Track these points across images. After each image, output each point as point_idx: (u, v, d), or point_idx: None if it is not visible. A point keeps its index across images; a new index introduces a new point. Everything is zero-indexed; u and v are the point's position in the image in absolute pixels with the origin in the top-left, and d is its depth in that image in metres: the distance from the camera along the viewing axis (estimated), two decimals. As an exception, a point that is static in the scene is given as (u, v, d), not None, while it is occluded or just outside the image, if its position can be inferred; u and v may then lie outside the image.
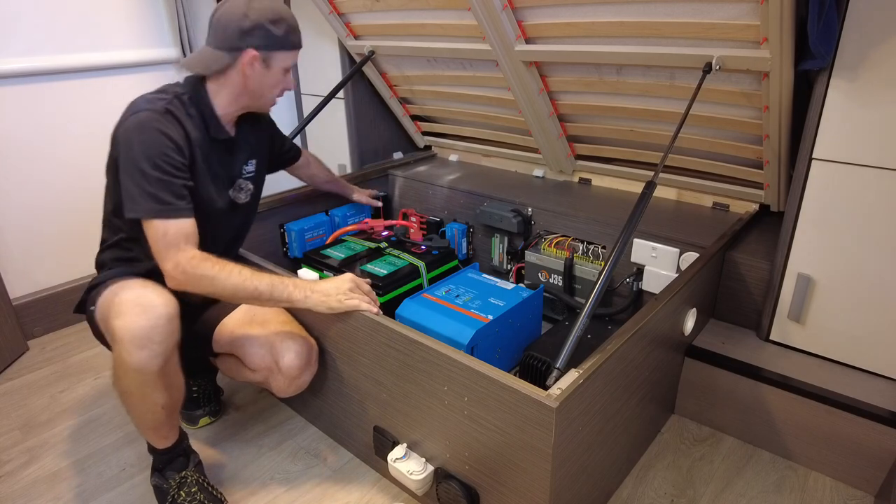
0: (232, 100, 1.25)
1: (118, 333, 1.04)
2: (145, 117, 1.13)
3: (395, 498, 1.29)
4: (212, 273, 1.12)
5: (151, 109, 1.14)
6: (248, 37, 1.17)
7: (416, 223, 2.11)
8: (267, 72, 1.22)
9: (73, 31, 1.90)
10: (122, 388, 1.11)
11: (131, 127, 1.13)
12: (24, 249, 1.91)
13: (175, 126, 1.16)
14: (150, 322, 1.04)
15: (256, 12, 1.16)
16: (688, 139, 1.66)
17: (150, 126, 1.12)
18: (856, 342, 1.35)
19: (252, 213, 1.45)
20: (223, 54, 1.19)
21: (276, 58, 1.22)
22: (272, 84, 1.25)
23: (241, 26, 1.16)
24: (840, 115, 1.23)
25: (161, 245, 1.12)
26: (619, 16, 1.42)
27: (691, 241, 1.52)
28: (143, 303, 1.06)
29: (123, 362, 1.05)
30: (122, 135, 1.14)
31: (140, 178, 1.11)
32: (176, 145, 1.14)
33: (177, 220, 1.12)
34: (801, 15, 1.18)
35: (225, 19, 1.17)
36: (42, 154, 1.90)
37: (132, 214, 1.12)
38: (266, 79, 1.23)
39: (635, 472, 1.35)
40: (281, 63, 1.23)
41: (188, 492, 1.20)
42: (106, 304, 1.13)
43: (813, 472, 1.33)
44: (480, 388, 1.00)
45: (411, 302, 1.42)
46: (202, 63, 1.21)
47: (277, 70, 1.23)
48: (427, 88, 2.13)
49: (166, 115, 1.15)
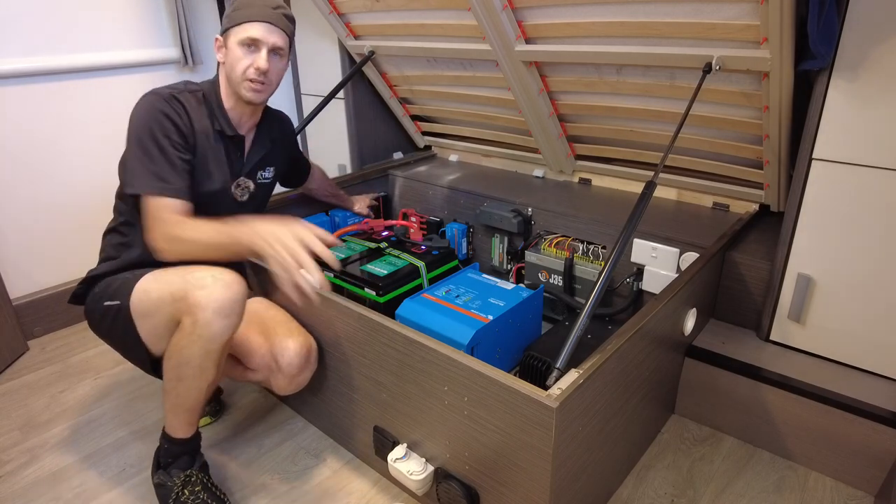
0: (229, 92, 1.31)
1: (202, 302, 1.07)
2: (149, 99, 1.21)
3: (395, 498, 1.29)
4: (179, 230, 1.16)
5: (156, 93, 1.22)
6: (223, 25, 1.29)
7: (416, 223, 2.11)
8: (227, 52, 1.28)
9: (73, 31, 1.90)
10: (183, 358, 1.12)
11: (135, 109, 1.21)
12: (24, 249, 1.91)
13: (178, 110, 1.22)
14: (233, 295, 1.10)
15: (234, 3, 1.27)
16: (688, 139, 1.66)
17: (152, 106, 1.20)
18: (856, 342, 1.35)
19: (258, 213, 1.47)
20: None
21: (231, 35, 1.27)
22: (232, 62, 1.27)
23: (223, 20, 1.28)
24: (840, 115, 1.23)
25: (150, 219, 1.18)
26: (619, 16, 1.43)
27: (691, 241, 1.52)
28: (224, 278, 1.11)
29: (197, 330, 1.09)
30: (130, 117, 1.21)
31: (141, 154, 1.17)
32: (175, 126, 1.21)
33: (172, 199, 1.18)
34: (801, 15, 1.18)
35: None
36: (42, 154, 1.90)
37: (130, 190, 1.18)
38: (228, 59, 1.28)
39: (635, 472, 1.35)
40: (234, 38, 1.26)
41: (192, 490, 1.20)
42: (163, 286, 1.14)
43: (813, 472, 1.33)
44: (480, 388, 1.00)
45: (411, 302, 1.42)
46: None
47: (233, 46, 1.26)
48: (427, 88, 2.13)
49: (171, 99, 1.22)
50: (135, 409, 1.59)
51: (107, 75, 2.00)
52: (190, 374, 1.14)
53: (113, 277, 1.25)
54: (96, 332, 1.29)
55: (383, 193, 2.23)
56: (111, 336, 1.26)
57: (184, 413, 1.20)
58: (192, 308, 1.08)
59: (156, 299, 1.15)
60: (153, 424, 1.53)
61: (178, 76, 2.21)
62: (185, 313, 1.10)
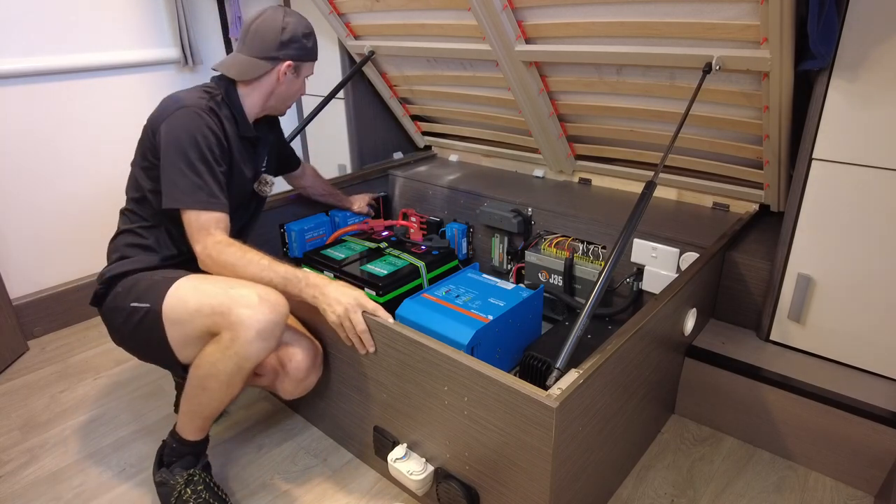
0: (260, 102, 1.35)
1: (246, 322, 1.08)
2: (193, 113, 1.21)
3: (395, 498, 1.29)
4: (233, 260, 1.17)
5: (197, 106, 1.23)
6: (286, 48, 1.31)
7: (416, 223, 2.11)
8: (295, 80, 1.37)
9: (73, 31, 1.90)
10: (212, 371, 1.13)
11: (178, 121, 1.20)
12: (24, 249, 1.91)
13: (217, 124, 1.25)
14: (277, 318, 1.12)
15: (292, 26, 1.30)
16: (688, 139, 1.66)
17: (197, 121, 1.21)
18: (856, 342, 1.35)
19: (260, 207, 1.53)
20: (261, 62, 1.30)
21: (304, 67, 1.37)
22: (296, 90, 1.39)
23: (280, 38, 1.29)
24: (840, 115, 1.23)
25: (194, 229, 1.19)
26: (619, 16, 1.43)
27: (691, 241, 1.52)
28: (270, 299, 1.12)
29: (234, 347, 1.10)
30: (168, 128, 1.20)
31: (187, 170, 1.19)
32: (218, 140, 1.24)
33: (213, 211, 1.20)
34: (801, 15, 1.18)
35: (263, 31, 1.29)
36: (42, 154, 1.90)
37: (172, 205, 1.19)
38: (293, 86, 1.37)
39: (635, 472, 1.35)
40: (306, 72, 1.38)
41: (195, 490, 1.20)
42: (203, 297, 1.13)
43: (813, 472, 1.33)
44: (480, 388, 1.00)
45: (411, 302, 1.42)
46: (240, 70, 1.31)
47: (302, 78, 1.38)
48: (427, 88, 2.13)
49: (210, 113, 1.24)
50: (135, 409, 1.60)
51: (107, 75, 2.00)
52: (216, 386, 1.14)
53: (136, 277, 1.23)
54: (116, 335, 1.27)
55: (383, 193, 2.23)
56: (133, 338, 1.23)
57: (200, 419, 1.20)
58: (234, 325, 1.09)
59: (193, 309, 1.13)
60: (153, 424, 1.53)
61: (178, 76, 2.21)
62: (224, 328, 1.10)
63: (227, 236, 1.21)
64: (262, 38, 1.29)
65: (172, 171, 1.19)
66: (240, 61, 1.31)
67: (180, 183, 1.18)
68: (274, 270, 1.17)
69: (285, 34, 1.29)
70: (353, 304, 1.16)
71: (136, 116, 2.08)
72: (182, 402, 1.20)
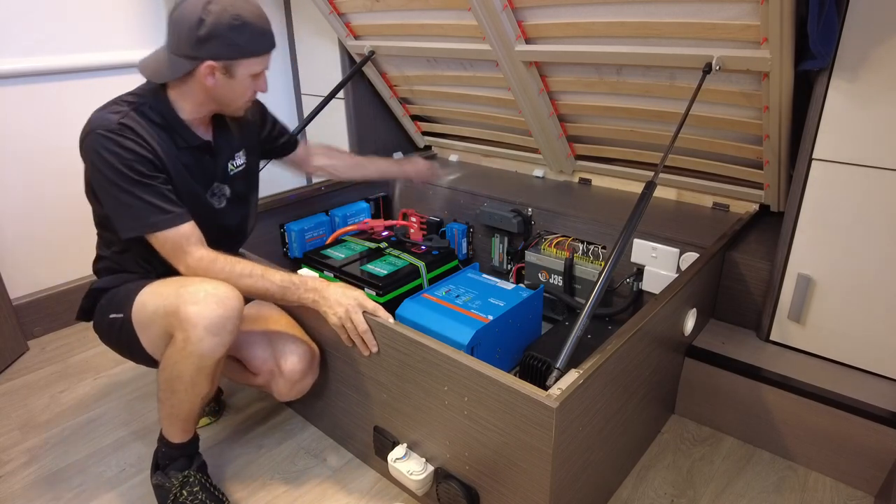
0: (196, 107, 1.18)
1: (193, 319, 1.05)
2: (100, 137, 1.07)
3: (395, 498, 1.29)
4: (223, 276, 1.13)
5: (104, 128, 1.08)
6: (205, 46, 1.07)
7: (416, 223, 2.11)
8: (231, 81, 1.13)
9: (72, 31, 1.90)
10: (175, 373, 1.11)
11: (90, 149, 1.08)
12: (24, 249, 1.91)
13: (134, 137, 1.09)
14: (226, 312, 1.07)
15: (214, 17, 1.05)
16: (688, 139, 1.66)
17: (107, 144, 1.07)
18: (856, 342, 1.35)
19: (245, 210, 1.39)
20: (181, 61, 1.09)
21: (240, 66, 1.11)
22: (239, 92, 1.16)
23: (196, 34, 1.05)
24: (840, 115, 1.23)
25: (168, 252, 1.14)
26: (619, 16, 1.43)
27: (691, 241, 1.52)
28: (219, 294, 1.08)
29: (189, 347, 1.07)
30: (86, 157, 1.11)
31: (122, 196, 1.09)
32: (140, 156, 1.09)
33: (172, 228, 1.12)
34: (801, 15, 1.18)
35: (181, 22, 1.07)
36: (42, 154, 1.90)
37: (129, 234, 1.12)
38: (231, 88, 1.14)
39: (635, 472, 1.35)
40: (246, 70, 1.13)
41: (190, 491, 1.20)
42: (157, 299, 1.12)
43: (813, 473, 1.33)
44: (480, 388, 1.00)
45: (411, 302, 1.42)
46: (155, 69, 1.13)
47: (243, 77, 1.13)
48: (427, 88, 2.13)
49: (122, 129, 1.08)
50: (135, 409, 1.59)
51: (107, 75, 2.00)
52: (182, 388, 1.12)
53: (117, 289, 1.23)
54: (107, 345, 1.28)
55: (383, 193, 2.23)
56: (120, 347, 1.25)
57: (179, 422, 1.19)
58: (183, 324, 1.06)
59: (151, 312, 1.13)
60: (153, 424, 1.53)
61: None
62: (177, 328, 1.08)
63: (206, 250, 1.14)
64: (180, 32, 1.07)
65: (111, 202, 1.11)
66: (158, 58, 1.13)
67: (124, 212, 1.10)
68: (269, 280, 1.15)
69: (203, 28, 1.05)
70: (354, 304, 1.16)
71: (136, 116, 2.08)
72: (158, 407, 1.19)
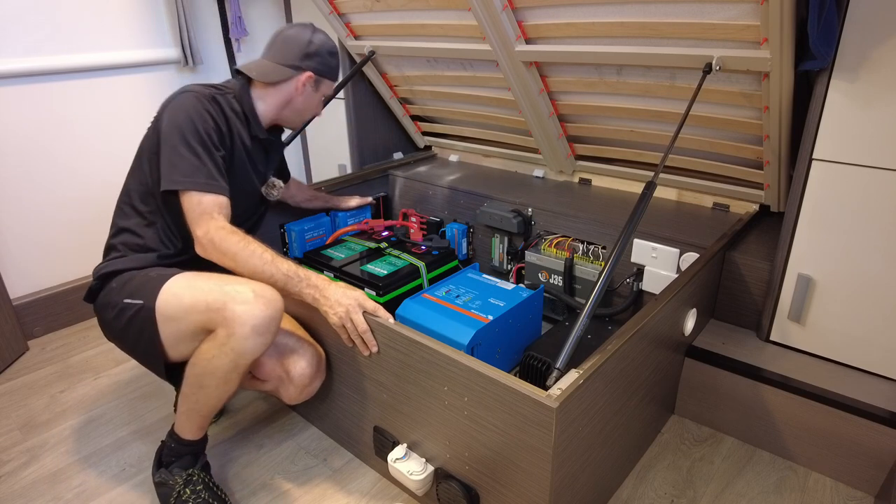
0: (274, 108, 1.36)
1: (242, 317, 1.08)
2: (193, 98, 1.22)
3: (395, 498, 1.29)
4: (235, 249, 1.15)
5: (199, 93, 1.24)
6: (310, 60, 1.34)
7: (416, 223, 2.11)
8: (314, 94, 1.38)
9: (73, 31, 1.90)
10: (209, 368, 1.12)
11: (178, 105, 1.21)
12: (24, 249, 1.91)
13: (218, 112, 1.25)
14: (273, 313, 1.12)
15: (320, 41, 1.34)
16: (688, 139, 1.66)
17: (196, 105, 1.21)
18: (856, 342, 1.35)
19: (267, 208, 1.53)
20: (283, 68, 1.33)
21: (324, 84, 1.39)
22: (313, 105, 1.40)
23: (306, 50, 1.33)
24: (840, 116, 1.23)
25: (196, 213, 1.17)
26: (619, 16, 1.43)
27: (691, 242, 1.52)
28: (265, 295, 1.11)
29: (231, 343, 1.09)
30: (168, 112, 1.21)
31: (184, 150, 1.18)
32: (217, 125, 1.24)
33: (212, 194, 1.19)
34: (801, 15, 1.18)
35: (292, 40, 1.33)
36: (42, 154, 1.90)
37: (171, 186, 1.17)
38: (311, 100, 1.38)
39: (635, 472, 1.35)
40: (325, 90, 1.40)
41: (194, 489, 1.20)
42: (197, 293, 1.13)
43: (813, 473, 1.33)
44: (480, 389, 1.00)
45: (411, 302, 1.42)
46: (260, 71, 1.33)
47: (320, 94, 1.40)
48: (427, 89, 2.13)
49: (212, 100, 1.25)
50: (135, 409, 1.60)
51: (107, 75, 2.00)
52: (213, 384, 1.14)
53: (131, 274, 1.22)
54: (107, 331, 1.25)
55: (383, 193, 2.23)
56: (124, 336, 1.22)
57: (198, 418, 1.20)
58: (230, 322, 1.08)
59: (187, 305, 1.13)
60: (153, 424, 1.53)
61: (178, 76, 2.21)
62: (220, 325, 1.10)
63: (228, 223, 1.19)
64: (289, 47, 1.32)
65: (170, 153, 1.18)
66: (262, 64, 1.34)
67: (179, 164, 1.17)
68: (276, 266, 1.16)
69: (311, 47, 1.33)
70: (354, 304, 1.16)
71: (136, 117, 2.08)
72: (180, 401, 1.20)
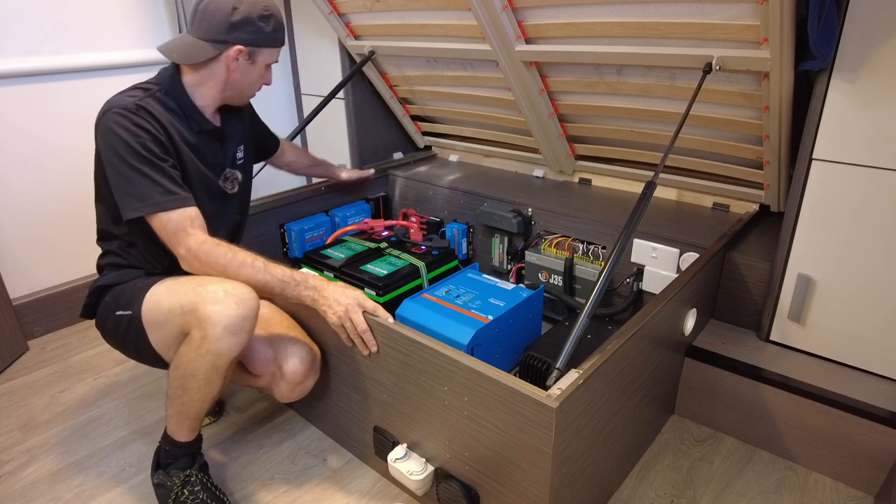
0: (214, 92, 1.25)
1: (213, 318, 1.06)
2: (117, 115, 1.12)
3: (395, 498, 1.29)
4: (223, 262, 1.13)
5: (122, 107, 1.13)
6: (236, 31, 1.18)
7: (416, 223, 2.11)
8: (251, 67, 1.24)
9: (73, 31, 1.90)
10: (189, 371, 1.11)
11: (105, 128, 1.13)
12: (24, 249, 1.91)
13: (149, 120, 1.15)
14: (245, 312, 1.09)
15: (246, 6, 1.17)
16: (688, 139, 1.66)
17: (122, 122, 1.12)
18: (856, 342, 1.35)
19: (246, 201, 1.45)
20: (208, 46, 1.18)
21: (262, 53, 1.23)
22: (255, 79, 1.27)
23: (230, 20, 1.16)
24: (840, 116, 1.23)
25: (168, 233, 1.13)
26: (619, 16, 1.43)
27: (691, 242, 1.52)
28: (237, 294, 1.09)
29: (206, 345, 1.08)
30: (100, 138, 1.15)
31: (129, 173, 1.11)
32: (153, 135, 1.14)
33: (177, 210, 1.13)
34: (801, 15, 1.18)
35: (213, 10, 1.16)
36: (42, 154, 1.90)
37: (131, 214, 1.12)
38: (249, 74, 1.25)
39: (635, 472, 1.35)
40: (265, 59, 1.25)
41: (192, 490, 1.20)
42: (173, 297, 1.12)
43: (813, 473, 1.33)
44: (480, 389, 1.00)
45: (411, 302, 1.42)
46: (185, 53, 1.19)
47: (261, 66, 1.25)
48: (427, 89, 2.13)
49: (138, 110, 1.14)
50: (135, 409, 1.59)
51: (107, 75, 2.00)
52: (195, 386, 1.13)
53: (123, 286, 1.23)
54: (110, 342, 1.27)
55: (383, 193, 2.23)
56: (125, 345, 1.24)
57: (187, 420, 1.20)
58: (202, 322, 1.07)
59: (166, 310, 1.13)
60: (153, 424, 1.53)
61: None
62: (194, 326, 1.09)
63: (207, 235, 1.15)
64: (211, 19, 1.16)
65: (118, 180, 1.12)
66: (185, 43, 1.19)
67: (130, 190, 1.11)
68: (270, 273, 1.15)
69: (236, 15, 1.16)
70: (354, 304, 1.16)
71: (136, 116, 2.08)
72: (168, 404, 1.19)
